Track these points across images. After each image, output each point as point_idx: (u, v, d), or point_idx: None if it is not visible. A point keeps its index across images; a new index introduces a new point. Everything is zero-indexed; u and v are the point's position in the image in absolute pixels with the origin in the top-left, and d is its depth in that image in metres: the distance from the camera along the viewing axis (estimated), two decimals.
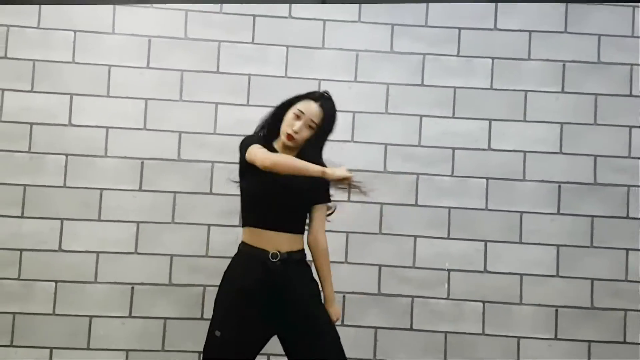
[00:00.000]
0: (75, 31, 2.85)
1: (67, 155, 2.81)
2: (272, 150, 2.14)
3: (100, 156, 2.82)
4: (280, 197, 2.11)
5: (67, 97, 2.83)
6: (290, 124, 2.11)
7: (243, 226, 2.20)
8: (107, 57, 2.85)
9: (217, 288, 2.42)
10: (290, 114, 2.13)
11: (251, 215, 2.16)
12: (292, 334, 2.13)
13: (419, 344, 2.84)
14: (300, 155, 2.10)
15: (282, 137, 2.13)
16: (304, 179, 2.03)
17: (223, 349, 2.08)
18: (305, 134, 2.12)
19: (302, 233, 2.21)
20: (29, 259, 2.76)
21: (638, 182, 2.91)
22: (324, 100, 2.15)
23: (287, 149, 2.15)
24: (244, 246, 2.17)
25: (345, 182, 2.00)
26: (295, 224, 2.18)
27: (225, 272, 2.19)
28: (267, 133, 2.21)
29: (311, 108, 2.12)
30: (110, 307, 2.78)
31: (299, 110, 2.11)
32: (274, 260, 2.10)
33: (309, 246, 2.23)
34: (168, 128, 2.85)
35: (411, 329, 2.84)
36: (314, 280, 2.21)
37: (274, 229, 2.13)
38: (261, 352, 2.18)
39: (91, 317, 2.77)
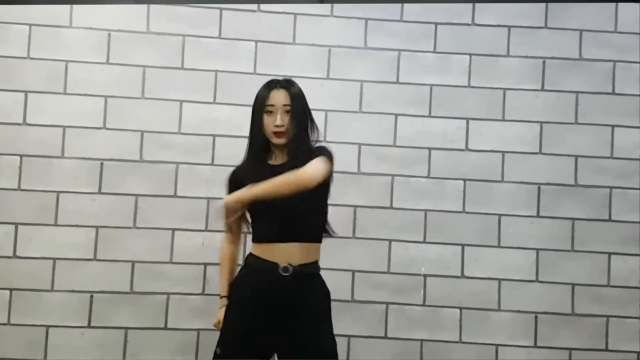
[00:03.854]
0: (30, 25, 2.79)
1: (21, 156, 2.78)
2: (265, 164, 2.10)
3: (57, 157, 2.79)
4: (284, 205, 2.03)
5: (21, 94, 2.80)
6: (270, 124, 2.09)
7: (252, 241, 2.12)
8: (65, 53, 2.82)
9: (181, 296, 2.46)
10: (264, 116, 2.11)
11: (260, 228, 2.10)
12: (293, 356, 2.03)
13: (393, 352, 2.80)
14: (291, 147, 2.09)
15: (272, 140, 2.10)
16: None
17: None
18: (287, 120, 2.10)
19: (319, 242, 2.13)
20: None
21: (620, 183, 2.89)
22: (282, 83, 2.15)
23: (280, 148, 2.11)
24: (252, 258, 2.08)
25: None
26: (307, 231, 2.10)
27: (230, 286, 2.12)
28: (257, 145, 2.14)
29: (277, 96, 2.12)
30: (68, 317, 2.74)
31: (268, 106, 2.10)
32: (285, 274, 2.01)
33: None
34: (129, 127, 2.82)
35: (385, 337, 2.81)
36: (327, 298, 2.12)
37: (284, 239, 2.05)
38: None
39: (48, 327, 2.72)
